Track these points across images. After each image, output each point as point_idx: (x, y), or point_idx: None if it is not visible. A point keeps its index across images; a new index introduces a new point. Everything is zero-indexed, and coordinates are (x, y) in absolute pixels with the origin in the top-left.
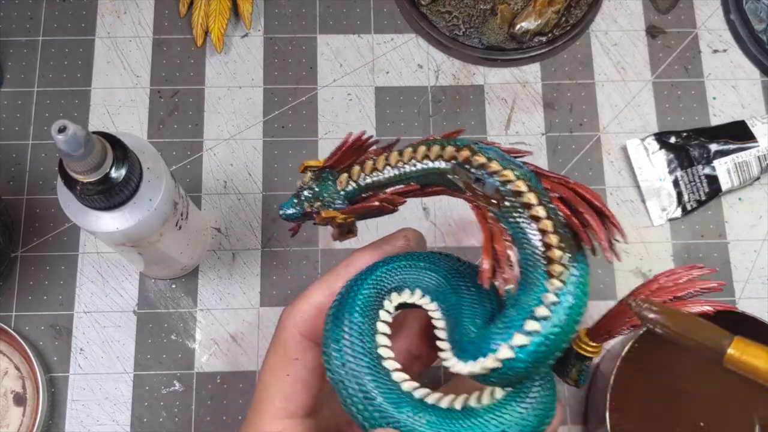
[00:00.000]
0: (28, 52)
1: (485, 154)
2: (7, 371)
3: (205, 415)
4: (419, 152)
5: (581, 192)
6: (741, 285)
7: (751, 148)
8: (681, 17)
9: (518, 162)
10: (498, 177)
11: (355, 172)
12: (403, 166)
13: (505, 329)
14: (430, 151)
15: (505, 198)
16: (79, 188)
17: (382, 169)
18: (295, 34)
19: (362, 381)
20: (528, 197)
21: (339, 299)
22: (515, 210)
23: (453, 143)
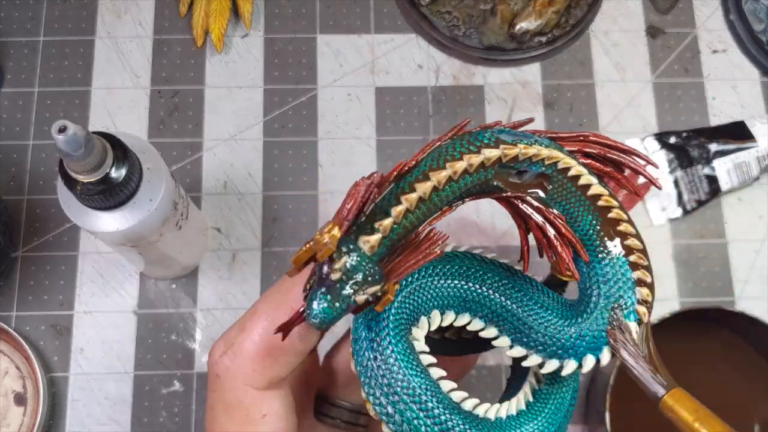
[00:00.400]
0: (28, 53)
1: (521, 142)
2: (7, 371)
3: (205, 415)
4: (457, 171)
5: (604, 141)
6: (741, 285)
7: (750, 148)
8: (681, 17)
9: (540, 137)
10: (546, 161)
11: (387, 226)
12: (438, 195)
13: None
14: (470, 164)
15: (552, 180)
16: (80, 188)
17: (415, 209)
18: (295, 34)
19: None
20: (577, 170)
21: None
22: (563, 188)
23: (482, 144)
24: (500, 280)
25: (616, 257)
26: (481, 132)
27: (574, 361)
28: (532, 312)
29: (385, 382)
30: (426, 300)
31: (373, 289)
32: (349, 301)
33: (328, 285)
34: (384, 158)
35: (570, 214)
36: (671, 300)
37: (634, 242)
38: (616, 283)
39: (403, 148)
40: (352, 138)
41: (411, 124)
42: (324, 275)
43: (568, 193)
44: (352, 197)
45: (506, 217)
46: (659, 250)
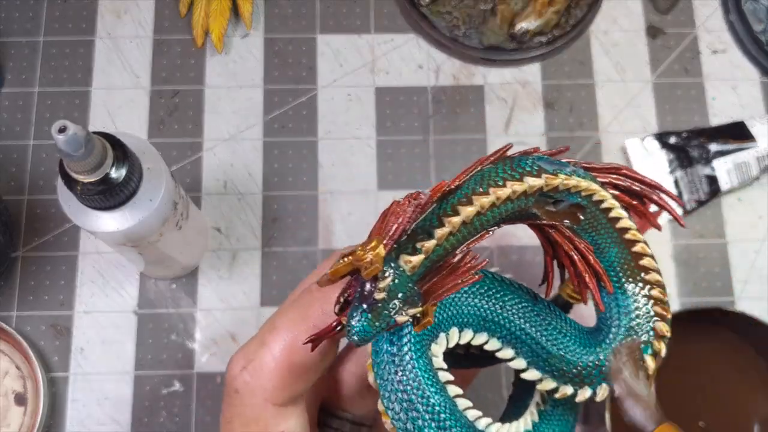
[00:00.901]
0: (28, 53)
1: (561, 172)
2: (7, 371)
3: (205, 415)
4: (500, 196)
5: (632, 174)
6: (741, 285)
7: (750, 149)
8: (681, 18)
9: (577, 168)
10: (582, 193)
11: (430, 246)
12: (479, 219)
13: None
14: (514, 191)
15: (586, 210)
16: (80, 188)
17: (457, 232)
18: (295, 34)
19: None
20: (610, 203)
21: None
22: (594, 219)
23: (525, 171)
24: (520, 303)
25: (638, 290)
26: (523, 159)
27: (589, 389)
28: (551, 337)
29: (406, 397)
30: (446, 317)
31: (414, 311)
32: (389, 321)
33: (370, 303)
34: (384, 158)
35: (597, 244)
36: (671, 300)
37: (655, 277)
38: (637, 316)
39: (403, 148)
40: (352, 138)
41: (411, 124)
42: (366, 293)
43: (598, 224)
44: (398, 215)
45: None
46: (659, 250)
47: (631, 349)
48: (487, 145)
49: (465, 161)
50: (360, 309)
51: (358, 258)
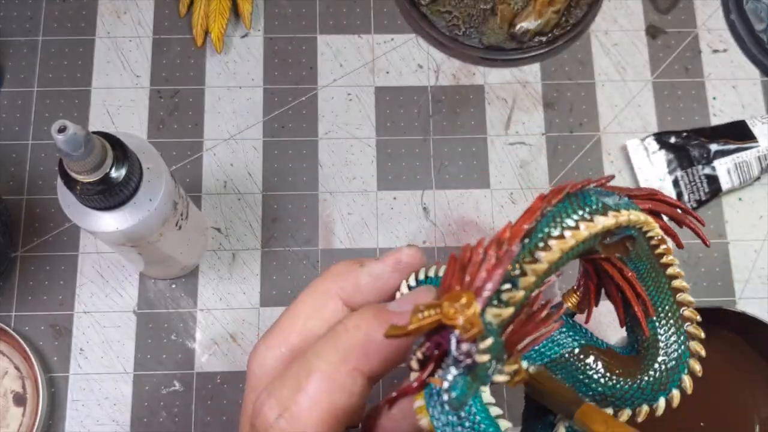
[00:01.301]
0: (28, 52)
1: (623, 207)
2: (7, 371)
3: (205, 415)
4: (579, 239)
5: (667, 200)
6: (741, 285)
7: (751, 148)
8: (681, 17)
9: (626, 197)
10: (636, 225)
11: (519, 299)
12: (554, 265)
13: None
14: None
15: (637, 241)
16: (79, 188)
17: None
18: (295, 34)
19: None
20: (656, 232)
21: None
22: (642, 249)
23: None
24: (561, 330)
25: (674, 311)
26: (587, 196)
27: (628, 410)
28: (593, 364)
29: None
30: None
31: (511, 369)
32: (486, 382)
33: (469, 366)
34: (384, 158)
35: (638, 271)
36: None
37: (686, 297)
38: (674, 339)
39: (403, 147)
40: (352, 138)
41: (411, 124)
42: (462, 353)
43: (643, 255)
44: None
45: (506, 218)
46: None
47: None
48: (488, 145)
49: (465, 161)
50: (458, 371)
51: (448, 316)
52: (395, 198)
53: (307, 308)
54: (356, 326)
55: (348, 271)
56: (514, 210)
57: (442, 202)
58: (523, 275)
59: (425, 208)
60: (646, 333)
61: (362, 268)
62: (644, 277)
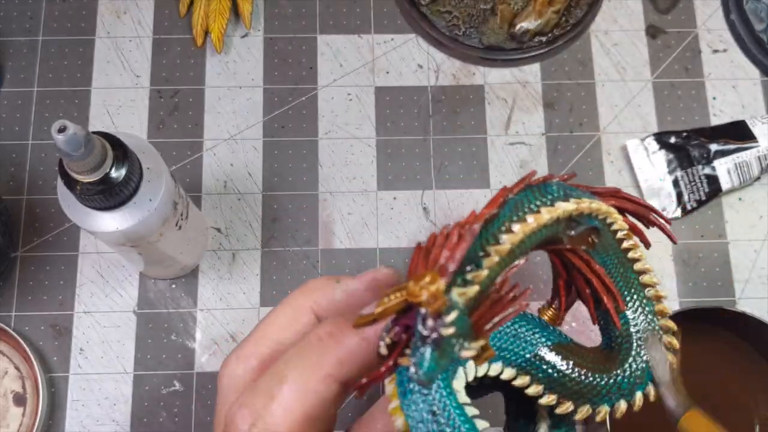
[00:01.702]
0: (28, 52)
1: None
2: (7, 371)
3: (205, 415)
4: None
5: (629, 197)
6: (741, 285)
7: (751, 148)
8: (681, 17)
9: (586, 191)
10: (599, 216)
11: (483, 278)
12: (519, 247)
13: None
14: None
15: (600, 233)
16: (79, 188)
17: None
18: (295, 34)
19: None
20: (620, 224)
21: None
22: (606, 241)
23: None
24: (533, 330)
25: (642, 303)
26: (548, 185)
27: (606, 407)
28: (566, 361)
29: None
30: None
31: (477, 344)
32: (454, 357)
33: (435, 340)
34: (384, 158)
35: (606, 265)
36: (671, 300)
37: (656, 292)
38: (644, 327)
39: (403, 147)
40: (352, 138)
41: (411, 124)
42: (428, 329)
43: (608, 246)
44: (456, 245)
45: None
46: (660, 251)
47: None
48: (488, 145)
49: (465, 161)
50: (426, 347)
51: (413, 294)
52: (395, 198)
53: (280, 321)
54: (328, 333)
55: (323, 287)
56: None
57: (442, 202)
58: (486, 256)
59: (425, 208)
60: (617, 325)
61: (338, 284)
62: (612, 271)
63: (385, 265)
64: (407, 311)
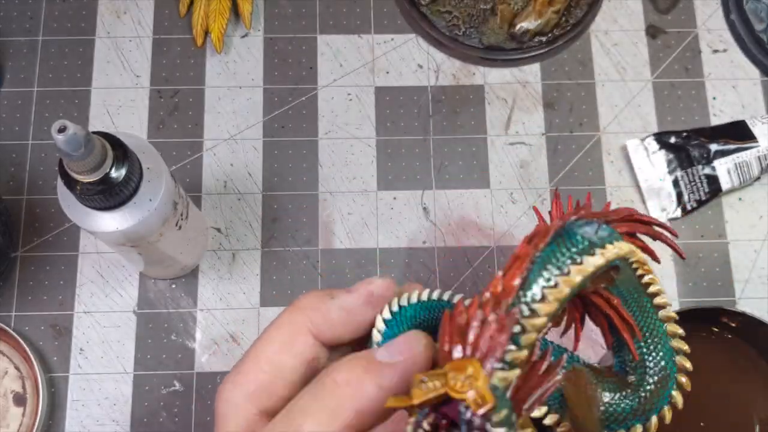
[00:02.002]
0: (28, 52)
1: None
2: (7, 371)
3: (205, 415)
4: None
5: (643, 219)
6: (741, 285)
7: (751, 148)
8: (681, 17)
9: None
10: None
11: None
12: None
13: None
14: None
15: (620, 270)
16: (79, 188)
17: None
18: (295, 34)
19: None
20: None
21: None
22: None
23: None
24: None
25: (659, 333)
26: (573, 235)
27: (623, 431)
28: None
29: None
30: None
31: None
32: None
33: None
34: (384, 158)
35: (623, 297)
36: (671, 300)
37: (674, 327)
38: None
39: (403, 148)
40: (352, 138)
41: (411, 124)
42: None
43: (627, 280)
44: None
45: (506, 218)
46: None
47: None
48: (488, 145)
49: (465, 161)
50: None
51: (456, 390)
52: (395, 198)
53: (276, 343)
54: (346, 382)
55: (318, 303)
56: (514, 210)
57: (442, 202)
58: (523, 332)
59: (425, 208)
60: (635, 356)
61: (332, 300)
62: (628, 300)
63: (379, 275)
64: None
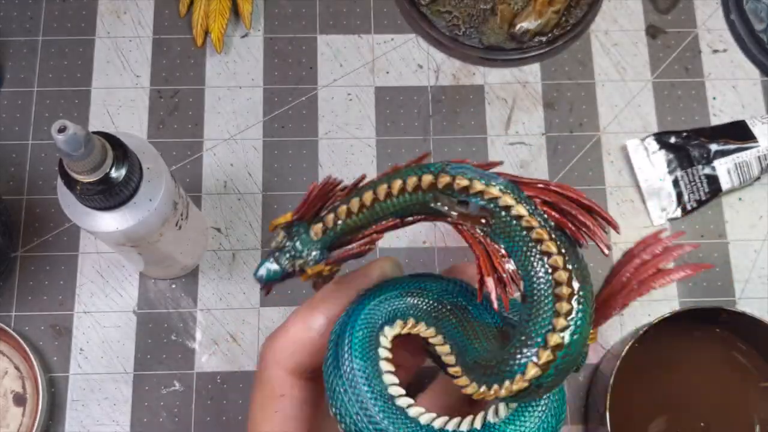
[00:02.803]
0: (28, 52)
1: (464, 175)
2: (7, 371)
3: (205, 415)
4: (395, 187)
5: (565, 192)
6: (741, 285)
7: (751, 148)
8: (681, 17)
9: (495, 175)
10: (484, 196)
11: (330, 220)
12: (379, 205)
13: (526, 347)
14: (407, 183)
15: (494, 215)
16: (79, 188)
17: (357, 212)
18: (295, 34)
19: (381, 427)
20: (518, 209)
21: (333, 347)
22: (507, 225)
23: (427, 170)
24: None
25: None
26: (433, 164)
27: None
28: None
29: (347, 399)
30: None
31: (299, 263)
32: (283, 266)
33: (273, 254)
34: (384, 158)
35: (513, 251)
36: (671, 300)
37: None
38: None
39: (403, 147)
40: (352, 138)
41: (411, 124)
42: (272, 249)
43: (511, 231)
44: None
45: None
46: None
47: None
48: (488, 145)
49: None
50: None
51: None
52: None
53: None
54: None
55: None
56: None
57: None
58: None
59: None
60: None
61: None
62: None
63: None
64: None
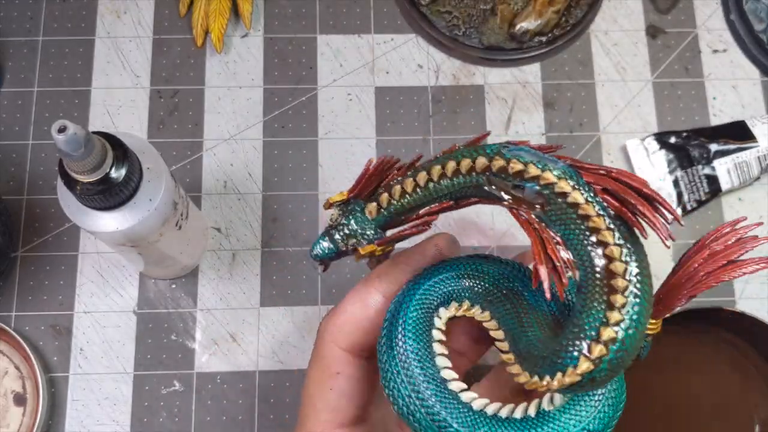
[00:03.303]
0: (28, 52)
1: (520, 159)
2: (7, 371)
3: (205, 415)
4: (449, 168)
5: (626, 180)
6: (741, 285)
7: (751, 148)
8: (681, 17)
9: (555, 159)
10: (539, 181)
11: (384, 199)
12: (434, 186)
13: (579, 339)
14: (460, 165)
15: (549, 201)
16: (79, 188)
17: (411, 192)
18: (295, 34)
19: (433, 411)
20: (574, 197)
21: (388, 327)
22: (562, 212)
23: (482, 152)
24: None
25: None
26: (491, 144)
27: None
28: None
29: (399, 380)
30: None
31: (352, 241)
32: (337, 244)
33: (327, 231)
34: None
35: (569, 239)
36: None
37: (616, 266)
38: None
39: (403, 147)
40: (352, 138)
41: (411, 124)
42: (328, 227)
43: (567, 219)
44: (364, 170)
45: (506, 217)
46: (658, 250)
47: None
48: None
49: None
50: (323, 234)
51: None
52: None
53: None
54: None
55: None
56: None
57: None
58: (397, 185)
59: None
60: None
61: None
62: (576, 245)
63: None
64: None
